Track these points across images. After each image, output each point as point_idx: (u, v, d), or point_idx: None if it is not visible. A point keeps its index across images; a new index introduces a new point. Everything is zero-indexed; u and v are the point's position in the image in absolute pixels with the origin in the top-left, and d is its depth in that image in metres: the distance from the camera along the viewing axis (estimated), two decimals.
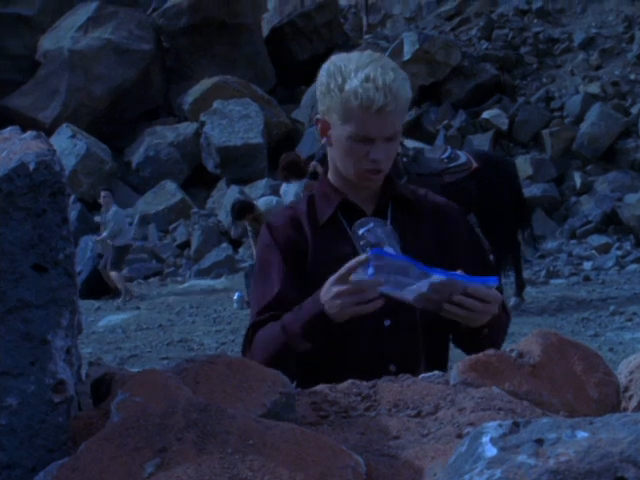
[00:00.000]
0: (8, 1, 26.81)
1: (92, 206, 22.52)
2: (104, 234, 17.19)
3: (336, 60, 2.73)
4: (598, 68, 23.08)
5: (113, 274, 17.17)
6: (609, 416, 1.04)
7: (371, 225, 2.68)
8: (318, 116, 2.82)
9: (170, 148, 24.45)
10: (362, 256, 2.42)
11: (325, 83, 2.71)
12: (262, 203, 15.12)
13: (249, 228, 15.49)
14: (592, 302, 12.47)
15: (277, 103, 25.75)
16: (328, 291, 2.48)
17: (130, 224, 19.60)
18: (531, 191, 18.85)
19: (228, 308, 14.20)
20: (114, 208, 17.38)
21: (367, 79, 2.63)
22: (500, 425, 1.03)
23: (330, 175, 2.86)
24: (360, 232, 2.66)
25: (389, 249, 2.55)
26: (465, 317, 2.39)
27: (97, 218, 22.15)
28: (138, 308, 15.18)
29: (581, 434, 0.99)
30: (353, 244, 2.69)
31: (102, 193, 17.84)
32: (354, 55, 2.73)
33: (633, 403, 1.41)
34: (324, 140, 2.80)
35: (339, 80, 2.67)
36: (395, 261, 2.42)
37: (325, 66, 2.73)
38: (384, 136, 2.68)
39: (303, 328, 2.52)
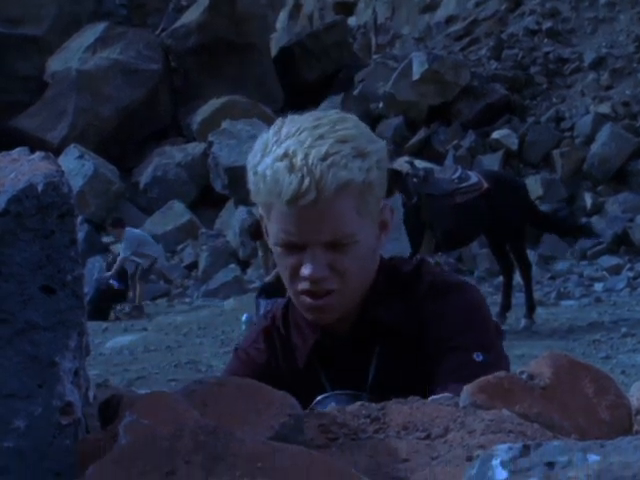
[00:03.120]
0: (16, 22, 26.95)
1: (100, 227, 22.57)
2: (120, 256, 17.55)
3: (277, 123, 1.97)
4: (609, 88, 23.09)
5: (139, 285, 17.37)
6: (621, 439, 1.03)
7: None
8: (261, 211, 2.03)
9: (178, 169, 24.51)
10: None
11: (248, 160, 1.96)
12: None
13: (260, 249, 15.50)
14: (603, 324, 12.44)
15: None
16: None
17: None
18: None
19: (236, 329, 14.19)
20: (126, 233, 17.68)
21: (284, 156, 1.86)
22: (510, 448, 1.02)
23: None
24: None
25: None
26: None
27: (105, 239, 22.22)
28: (145, 329, 15.18)
29: (592, 457, 0.98)
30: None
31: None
32: (304, 117, 1.96)
33: None
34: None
35: (258, 157, 1.91)
36: None
37: (263, 135, 1.97)
38: (319, 241, 1.89)
39: None
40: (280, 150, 1.86)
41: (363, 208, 1.91)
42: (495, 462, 1.00)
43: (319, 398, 1.97)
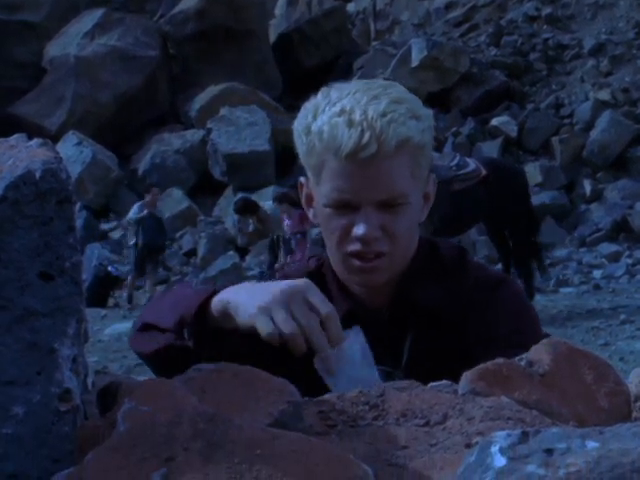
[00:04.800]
0: (14, 8, 26.89)
1: (98, 214, 22.55)
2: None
3: (323, 90, 1.93)
4: (608, 75, 23.10)
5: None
6: (619, 426, 1.03)
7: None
8: (302, 178, 2.03)
9: (176, 155, 24.50)
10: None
11: (295, 127, 1.96)
12: (270, 207, 15.10)
13: (257, 225, 15.48)
14: (602, 311, 12.46)
15: (284, 110, 25.80)
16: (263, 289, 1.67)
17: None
18: (540, 199, 18.86)
19: None
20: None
21: (341, 112, 1.83)
22: (509, 435, 1.02)
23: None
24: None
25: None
26: None
27: (103, 226, 22.22)
28: None
29: (591, 444, 0.98)
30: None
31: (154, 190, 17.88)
32: (351, 83, 1.93)
33: None
34: (311, 214, 2.00)
35: (309, 118, 1.89)
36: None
37: (310, 101, 1.94)
38: (373, 200, 1.86)
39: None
40: (336, 108, 1.83)
41: (416, 170, 1.88)
42: (494, 449, 1.00)
43: None
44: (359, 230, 1.85)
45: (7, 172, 1.20)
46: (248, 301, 1.67)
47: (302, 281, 1.67)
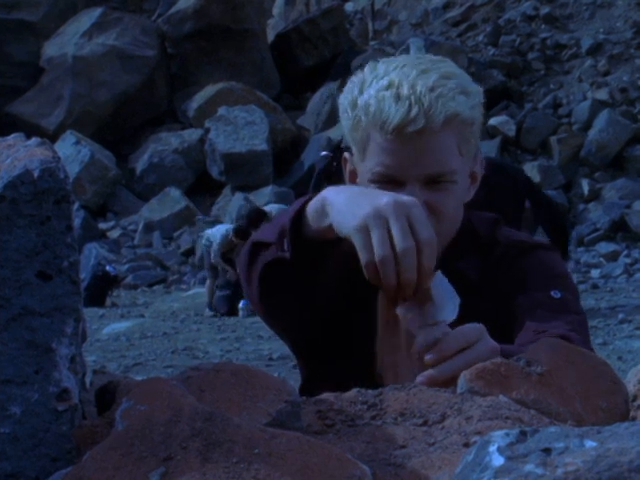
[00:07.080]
0: (12, 7, 26.87)
1: (96, 213, 22.54)
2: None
3: (370, 64, 1.90)
4: (606, 74, 23.09)
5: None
6: (617, 425, 1.03)
7: None
8: (346, 154, 1.99)
9: (174, 155, 24.49)
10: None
11: (341, 101, 1.90)
12: (272, 209, 14.90)
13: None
14: (600, 310, 12.47)
15: (282, 110, 25.78)
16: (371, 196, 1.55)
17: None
18: None
19: (233, 316, 14.20)
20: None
21: (388, 86, 1.79)
22: (507, 434, 1.02)
23: None
24: None
25: None
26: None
27: (101, 225, 22.21)
28: (142, 316, 15.19)
29: (589, 443, 0.98)
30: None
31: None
32: (400, 57, 1.90)
33: None
34: None
35: (355, 92, 1.85)
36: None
37: (357, 75, 1.90)
38: (420, 176, 1.83)
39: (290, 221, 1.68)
40: (384, 82, 1.80)
41: (464, 147, 1.86)
42: (492, 448, 1.00)
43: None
44: None
45: (5, 171, 1.20)
46: (347, 207, 1.57)
47: (409, 198, 1.57)
